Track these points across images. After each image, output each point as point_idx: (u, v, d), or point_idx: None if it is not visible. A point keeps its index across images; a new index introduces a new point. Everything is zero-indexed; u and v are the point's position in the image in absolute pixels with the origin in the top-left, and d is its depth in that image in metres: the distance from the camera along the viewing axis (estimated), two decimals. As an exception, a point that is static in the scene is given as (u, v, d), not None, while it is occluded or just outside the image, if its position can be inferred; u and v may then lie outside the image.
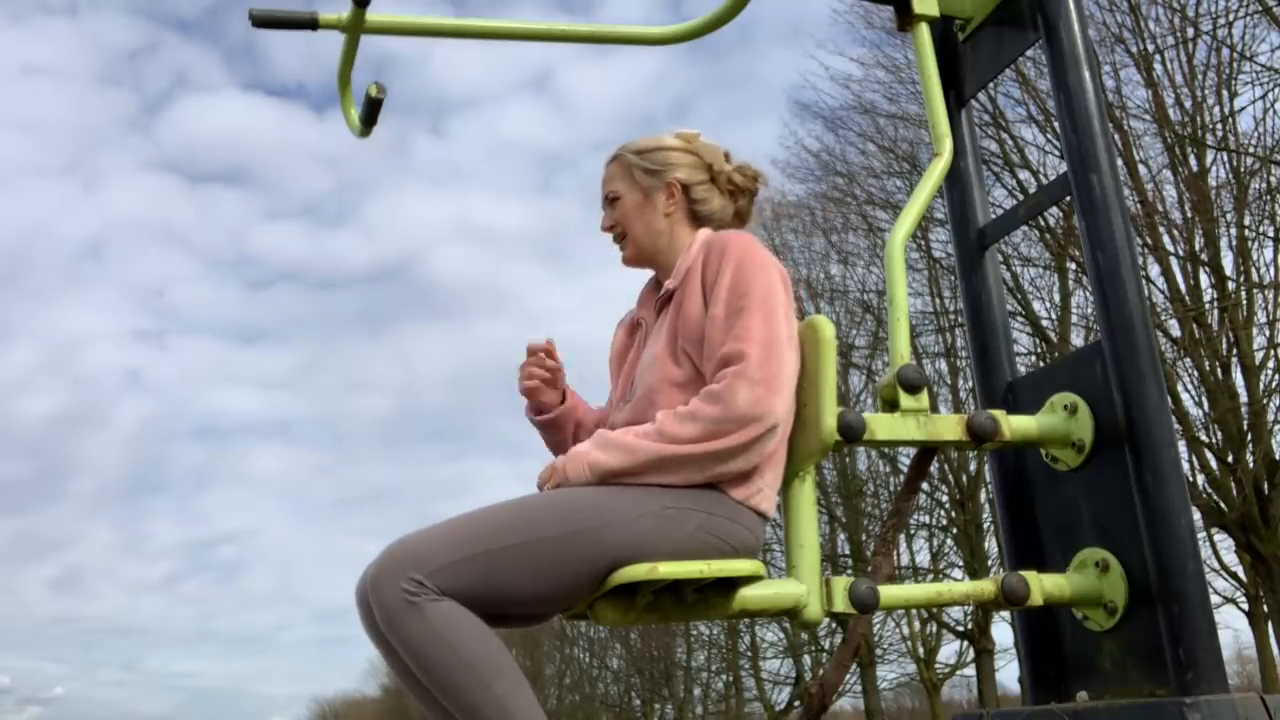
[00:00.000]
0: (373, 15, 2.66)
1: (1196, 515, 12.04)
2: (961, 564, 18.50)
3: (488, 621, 1.93)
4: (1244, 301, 12.70)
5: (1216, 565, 13.92)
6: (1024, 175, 14.61)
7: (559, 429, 2.43)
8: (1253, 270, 12.81)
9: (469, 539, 1.93)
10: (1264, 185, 12.55)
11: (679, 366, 2.16)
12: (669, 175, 2.32)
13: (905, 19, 2.79)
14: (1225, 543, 13.52)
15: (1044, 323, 15.16)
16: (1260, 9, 11.63)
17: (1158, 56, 12.73)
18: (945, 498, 18.42)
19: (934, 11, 2.78)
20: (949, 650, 24.38)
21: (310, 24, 2.63)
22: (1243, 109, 12.64)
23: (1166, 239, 12.88)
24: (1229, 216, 12.65)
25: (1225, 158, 12.66)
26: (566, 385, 2.44)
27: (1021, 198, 13.42)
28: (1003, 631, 18.87)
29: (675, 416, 2.05)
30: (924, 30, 2.76)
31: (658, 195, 2.32)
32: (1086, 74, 2.57)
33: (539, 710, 1.90)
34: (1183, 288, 12.86)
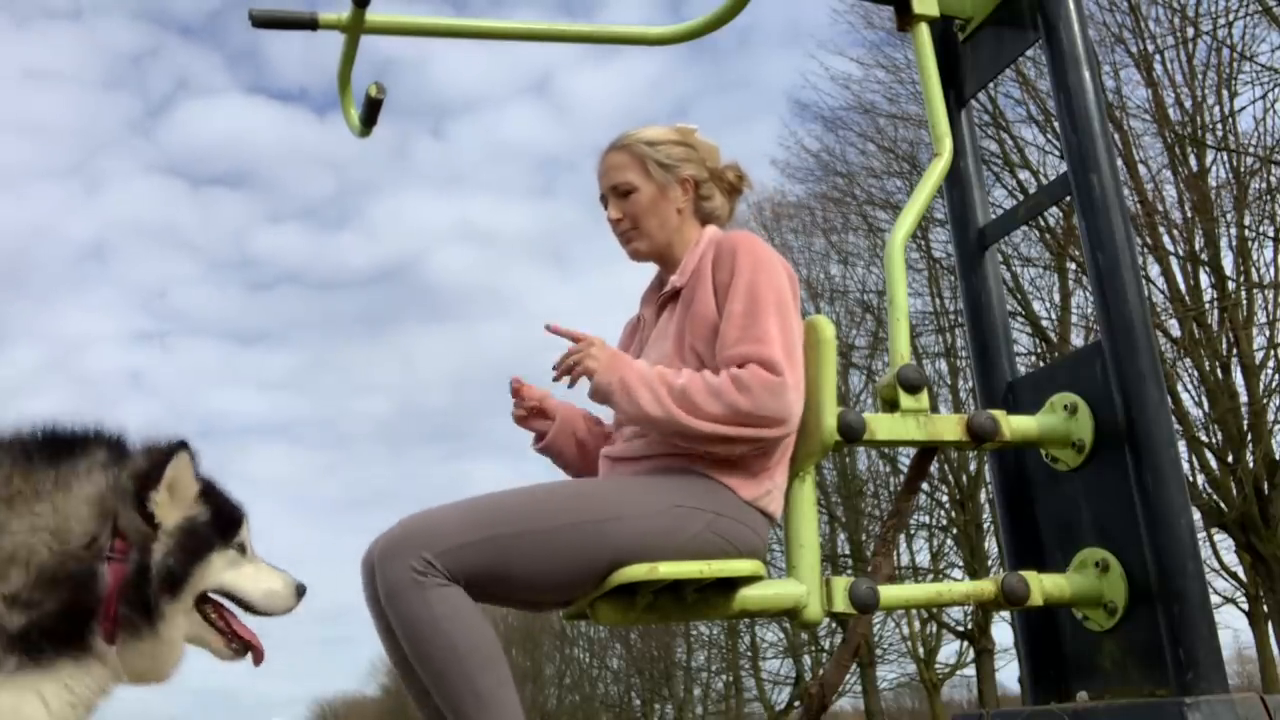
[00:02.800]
0: (373, 15, 2.66)
1: (1196, 515, 12.03)
2: (961, 564, 18.48)
3: (491, 603, 1.95)
4: (1244, 301, 12.68)
5: (1216, 565, 13.88)
6: (1024, 175, 14.58)
7: (557, 453, 2.43)
8: (1253, 270, 12.79)
9: (481, 522, 1.95)
10: (1264, 185, 12.52)
11: (687, 366, 2.16)
12: (683, 171, 2.30)
13: (905, 19, 2.79)
14: (1225, 543, 13.50)
15: (1044, 323, 15.14)
16: (1260, 9, 11.63)
17: (1158, 56, 12.72)
18: (945, 498, 18.39)
19: (934, 11, 2.78)
20: (949, 650, 24.34)
21: (310, 24, 2.63)
22: (1243, 109, 12.61)
23: (1166, 239, 12.86)
24: (1229, 216, 12.63)
25: (1225, 158, 12.64)
26: (558, 404, 2.42)
27: (1021, 198, 13.41)
28: (1003, 631, 18.84)
29: (706, 389, 2.03)
30: (924, 30, 2.76)
31: (673, 190, 2.29)
32: (1086, 74, 2.57)
33: (519, 711, 1.89)
34: (1183, 288, 12.84)
